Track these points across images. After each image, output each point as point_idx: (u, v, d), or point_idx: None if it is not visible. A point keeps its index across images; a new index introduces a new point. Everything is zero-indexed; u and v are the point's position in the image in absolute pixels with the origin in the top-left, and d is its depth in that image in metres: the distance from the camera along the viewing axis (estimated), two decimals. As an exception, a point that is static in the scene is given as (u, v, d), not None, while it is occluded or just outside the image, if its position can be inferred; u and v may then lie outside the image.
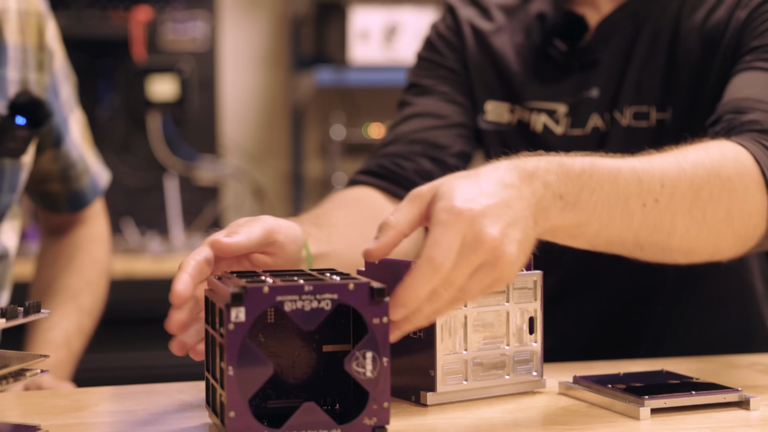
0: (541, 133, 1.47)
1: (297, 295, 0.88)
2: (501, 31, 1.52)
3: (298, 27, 3.49)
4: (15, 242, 1.46)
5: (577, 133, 1.46)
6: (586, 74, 1.45)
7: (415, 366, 1.05)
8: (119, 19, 3.26)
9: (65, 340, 1.49)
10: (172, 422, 1.00)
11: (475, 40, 1.53)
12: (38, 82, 1.43)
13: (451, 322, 1.04)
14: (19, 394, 1.25)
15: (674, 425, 0.98)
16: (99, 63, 3.37)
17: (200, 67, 3.45)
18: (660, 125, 1.42)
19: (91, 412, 1.05)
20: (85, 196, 1.57)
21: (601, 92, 1.44)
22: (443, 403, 1.04)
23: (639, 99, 1.43)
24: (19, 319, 0.93)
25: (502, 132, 1.50)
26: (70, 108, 1.53)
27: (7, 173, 1.38)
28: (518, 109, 1.49)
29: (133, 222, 3.36)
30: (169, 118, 3.43)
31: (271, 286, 0.88)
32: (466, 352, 1.05)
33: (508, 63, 1.50)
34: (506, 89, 1.50)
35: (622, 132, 1.43)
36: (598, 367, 1.22)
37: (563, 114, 1.46)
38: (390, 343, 0.90)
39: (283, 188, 3.57)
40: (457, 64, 1.53)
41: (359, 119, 3.50)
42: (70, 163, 1.53)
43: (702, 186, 1.09)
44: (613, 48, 1.45)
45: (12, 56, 1.39)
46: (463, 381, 1.05)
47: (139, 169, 3.42)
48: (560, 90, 1.47)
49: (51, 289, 1.54)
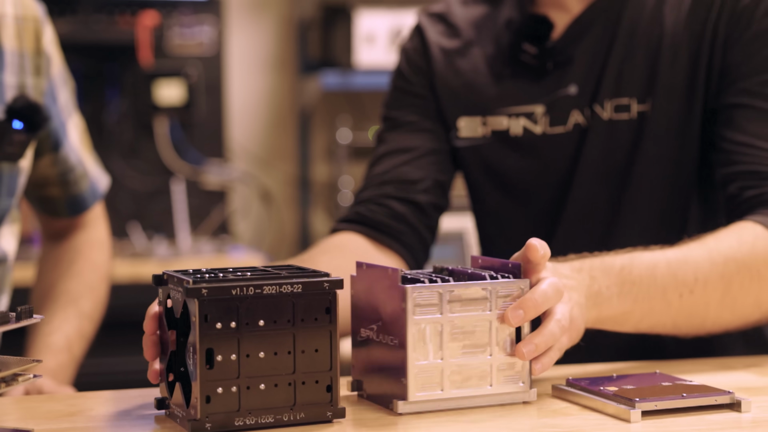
0: (521, 136, 1.49)
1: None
2: (470, 46, 1.54)
3: (304, 31, 3.50)
4: (14, 246, 1.47)
5: (558, 131, 1.48)
6: (561, 73, 1.48)
7: (390, 374, 1.03)
8: (126, 23, 3.27)
9: (66, 344, 1.50)
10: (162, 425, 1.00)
11: (444, 60, 1.55)
12: (35, 86, 1.44)
13: (425, 329, 1.01)
14: (16, 399, 1.26)
15: (665, 428, 0.98)
16: (106, 68, 3.39)
17: (207, 71, 3.46)
18: (641, 117, 1.44)
19: (85, 416, 1.06)
20: (84, 201, 1.58)
21: (579, 88, 1.46)
22: (419, 412, 1.02)
23: (619, 92, 1.45)
24: (11, 324, 0.93)
25: (478, 146, 1.52)
26: (68, 113, 1.54)
27: (5, 177, 1.39)
28: (490, 120, 1.51)
29: (140, 226, 3.37)
30: (176, 122, 3.44)
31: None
32: (441, 361, 1.02)
33: (479, 76, 1.52)
34: (477, 103, 1.52)
35: (603, 126, 1.45)
36: (593, 370, 1.22)
37: (541, 114, 1.48)
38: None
39: (290, 192, 3.57)
40: (424, 88, 1.55)
41: (365, 122, 3.51)
42: (68, 168, 1.53)
43: (733, 278, 1.25)
44: (587, 45, 1.47)
45: (9, 61, 1.40)
46: (439, 390, 1.02)
47: (147, 173, 3.43)
48: (536, 92, 1.49)
49: (51, 294, 1.55)
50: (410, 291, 1.01)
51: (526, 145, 1.49)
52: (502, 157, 1.51)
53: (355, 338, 1.09)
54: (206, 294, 0.96)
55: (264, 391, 0.98)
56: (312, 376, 0.99)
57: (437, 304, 1.02)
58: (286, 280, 0.99)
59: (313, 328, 0.99)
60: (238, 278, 0.98)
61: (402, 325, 1.01)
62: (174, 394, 1.01)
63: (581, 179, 1.47)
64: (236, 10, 3.52)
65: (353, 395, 1.10)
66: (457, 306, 1.03)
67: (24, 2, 1.45)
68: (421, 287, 1.01)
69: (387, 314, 1.03)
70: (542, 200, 1.51)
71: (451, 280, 1.04)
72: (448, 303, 1.02)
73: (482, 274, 1.06)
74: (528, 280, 1.05)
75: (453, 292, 1.02)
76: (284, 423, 0.98)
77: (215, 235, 3.44)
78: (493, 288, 1.04)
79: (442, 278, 1.05)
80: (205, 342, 0.96)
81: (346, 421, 1.00)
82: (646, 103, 1.44)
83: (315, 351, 0.99)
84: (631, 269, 1.19)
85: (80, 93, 3.31)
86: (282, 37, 3.56)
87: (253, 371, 0.97)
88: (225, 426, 0.96)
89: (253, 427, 0.97)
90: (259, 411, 0.98)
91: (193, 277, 0.98)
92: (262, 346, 0.98)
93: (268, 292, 0.98)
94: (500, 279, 1.05)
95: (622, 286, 1.18)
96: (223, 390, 0.96)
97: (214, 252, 3.19)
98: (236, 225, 3.53)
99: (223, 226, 3.49)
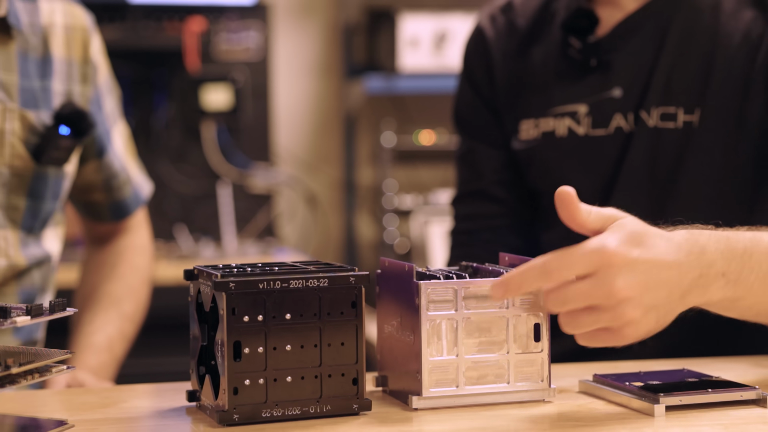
0: (566, 137, 1.49)
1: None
2: (528, 44, 1.54)
3: (349, 36, 3.52)
4: (58, 248, 1.51)
5: (599, 133, 1.47)
6: (606, 74, 1.46)
7: (407, 369, 1.04)
8: (174, 30, 3.32)
9: (107, 344, 1.53)
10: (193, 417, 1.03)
11: (503, 61, 1.55)
12: (82, 94, 1.48)
13: (440, 325, 1.02)
14: (54, 391, 1.29)
15: (689, 422, 0.99)
16: (154, 73, 3.44)
17: (254, 76, 3.50)
18: (687, 128, 1.42)
19: (118, 408, 1.09)
20: (127, 206, 1.62)
21: (624, 92, 1.45)
22: (434, 408, 1.03)
23: (667, 100, 1.43)
24: (44, 317, 0.96)
25: (532, 148, 1.52)
26: (113, 120, 1.58)
27: (51, 181, 1.43)
28: (542, 122, 1.51)
29: (187, 229, 3.42)
30: (223, 126, 3.48)
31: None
32: (456, 357, 1.03)
33: (534, 77, 1.53)
34: (532, 105, 1.52)
35: (648, 133, 1.44)
36: (623, 367, 1.23)
37: (584, 114, 1.47)
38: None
39: (335, 195, 3.60)
40: (487, 97, 1.58)
41: (410, 126, 3.52)
42: (112, 174, 1.57)
43: None
44: (635, 47, 1.45)
45: (57, 69, 1.44)
46: (455, 386, 1.03)
47: (194, 177, 3.48)
48: (580, 90, 1.48)
49: (94, 296, 1.59)
50: (424, 287, 1.02)
51: (570, 147, 1.49)
52: (550, 159, 1.51)
53: (380, 334, 1.11)
54: (234, 288, 0.98)
55: (291, 383, 0.99)
56: (338, 369, 1.01)
57: (452, 300, 1.03)
58: (313, 274, 1.00)
59: (339, 321, 1.01)
60: (266, 272, 1.00)
61: (416, 321, 1.02)
62: (204, 387, 1.03)
63: (623, 185, 1.45)
64: (282, 15, 3.56)
65: (378, 391, 1.11)
66: (472, 302, 1.03)
67: (73, 12, 1.49)
68: (435, 283, 1.02)
69: (404, 310, 1.05)
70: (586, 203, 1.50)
71: (467, 277, 1.05)
72: (463, 299, 1.03)
73: (501, 270, 1.06)
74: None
75: (468, 289, 1.03)
76: (311, 415, 1.00)
77: (261, 238, 3.47)
78: (511, 284, 1.04)
79: (458, 275, 1.06)
80: (233, 335, 0.98)
81: (361, 415, 1.02)
82: (693, 113, 1.42)
83: (341, 344, 1.01)
84: (752, 253, 1.07)
85: (129, 98, 3.37)
86: (327, 42, 3.59)
87: (280, 364, 0.99)
88: (252, 417, 0.98)
89: (280, 418, 0.99)
90: (285, 403, 0.99)
91: (222, 271, 1.00)
92: (289, 340, 0.99)
93: (294, 286, 1.00)
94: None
95: (740, 273, 1.07)
96: (250, 382, 0.98)
97: (259, 254, 3.23)
98: (282, 228, 3.56)
99: (268, 228, 3.52)
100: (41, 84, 1.41)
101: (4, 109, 1.36)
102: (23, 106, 1.38)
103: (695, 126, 1.42)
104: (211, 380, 1.02)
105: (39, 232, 1.45)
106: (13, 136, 1.37)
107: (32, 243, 1.44)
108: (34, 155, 1.39)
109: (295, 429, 0.97)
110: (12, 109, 1.36)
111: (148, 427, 1.00)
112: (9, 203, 1.39)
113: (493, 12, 1.59)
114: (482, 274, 1.09)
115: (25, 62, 1.39)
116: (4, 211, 1.38)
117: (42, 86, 1.41)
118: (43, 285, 1.48)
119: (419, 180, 3.57)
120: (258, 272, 1.00)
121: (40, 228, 1.45)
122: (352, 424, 0.99)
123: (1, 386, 0.92)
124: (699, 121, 1.41)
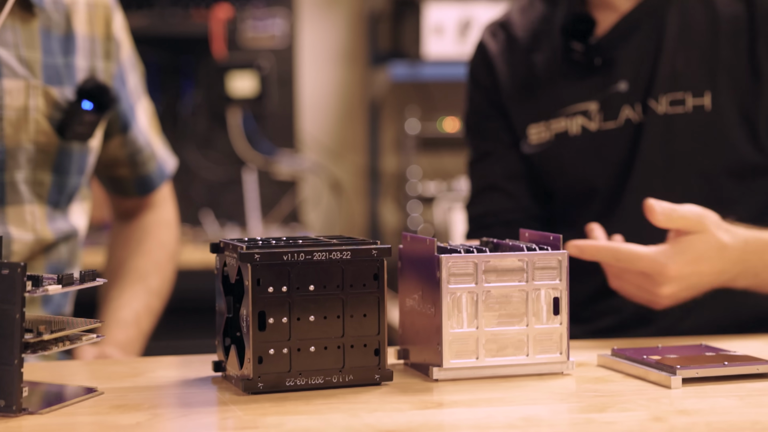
0: (579, 135, 1.54)
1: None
2: (529, 53, 1.60)
3: (374, 23, 3.54)
4: (84, 223, 1.54)
5: (610, 126, 1.52)
6: (610, 71, 1.52)
7: (428, 341, 1.07)
8: (200, 17, 3.35)
9: (134, 319, 1.56)
10: (219, 385, 1.05)
11: (507, 72, 1.61)
12: (105, 70, 1.50)
13: (461, 298, 1.05)
14: (84, 362, 1.32)
15: (705, 394, 1.00)
16: (181, 60, 3.47)
17: (279, 63, 3.52)
18: (697, 111, 1.47)
19: (147, 377, 1.11)
20: (152, 181, 1.64)
21: (630, 84, 1.50)
22: (454, 379, 1.05)
23: (674, 86, 1.48)
24: (75, 286, 0.99)
25: (545, 151, 1.57)
26: (137, 96, 1.60)
27: (76, 156, 1.45)
28: (553, 123, 1.56)
29: (213, 214, 3.45)
30: (248, 113, 3.51)
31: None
32: (476, 329, 1.05)
33: (539, 82, 1.58)
34: (540, 109, 1.57)
35: (658, 120, 1.49)
36: (641, 343, 1.24)
37: (596, 111, 1.53)
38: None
39: (359, 182, 3.62)
40: (493, 106, 1.62)
41: (434, 113, 3.54)
42: (137, 149, 1.59)
43: None
44: (636, 42, 1.51)
45: (81, 45, 1.46)
46: (474, 358, 1.05)
47: (220, 163, 3.51)
48: (588, 89, 1.54)
49: (121, 271, 1.61)
50: (445, 260, 1.04)
51: (584, 143, 1.54)
52: (564, 158, 1.56)
53: (402, 308, 1.13)
54: (259, 259, 1.00)
55: (314, 353, 1.02)
56: (360, 340, 1.03)
57: (472, 273, 1.05)
58: (336, 247, 1.03)
59: (362, 293, 1.03)
60: (290, 245, 1.02)
61: (437, 294, 1.04)
62: (229, 357, 1.06)
63: (638, 173, 1.50)
64: (308, 3, 3.58)
65: (400, 364, 1.13)
66: (492, 276, 1.05)
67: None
68: (456, 257, 1.04)
69: (426, 283, 1.07)
70: (602, 197, 1.54)
71: (488, 252, 1.07)
72: (483, 273, 1.05)
73: (521, 245, 1.08)
74: (566, 252, 1.08)
75: (488, 263, 1.05)
76: (333, 384, 1.02)
77: (285, 224, 3.50)
78: (530, 259, 1.06)
79: (478, 249, 1.08)
80: (258, 305, 1.00)
81: (383, 385, 1.04)
82: (703, 96, 1.47)
83: (363, 316, 1.03)
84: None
85: (156, 85, 3.40)
86: (353, 30, 3.61)
87: (303, 334, 1.01)
88: (276, 386, 1.01)
89: (304, 387, 1.01)
90: (309, 372, 1.02)
91: (247, 243, 1.03)
92: (313, 310, 1.02)
93: (318, 258, 1.02)
94: (537, 251, 1.07)
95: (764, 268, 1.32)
96: (274, 351, 1.01)
97: (284, 240, 3.25)
98: (307, 214, 3.58)
99: (293, 214, 3.55)
100: (64, 60, 1.43)
101: (27, 85, 1.38)
102: (47, 83, 1.40)
103: (707, 109, 1.47)
104: (237, 351, 1.04)
105: (65, 207, 1.47)
106: (37, 112, 1.39)
107: (59, 217, 1.46)
108: (59, 131, 1.41)
109: (318, 398, 0.99)
110: (35, 86, 1.39)
111: (176, 395, 1.03)
112: (35, 178, 1.41)
113: (493, 28, 1.67)
114: (503, 249, 1.11)
115: (48, 39, 1.41)
116: (31, 187, 1.41)
117: (65, 63, 1.43)
118: (70, 259, 1.50)
119: (443, 167, 3.59)
120: (282, 245, 1.02)
121: (67, 203, 1.47)
122: (374, 393, 1.01)
123: (33, 352, 0.95)
124: (708, 104, 1.47)
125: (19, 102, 1.37)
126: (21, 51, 1.38)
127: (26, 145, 1.39)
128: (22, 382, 0.92)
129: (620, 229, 1.49)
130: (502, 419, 0.92)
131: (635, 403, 0.97)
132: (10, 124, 1.37)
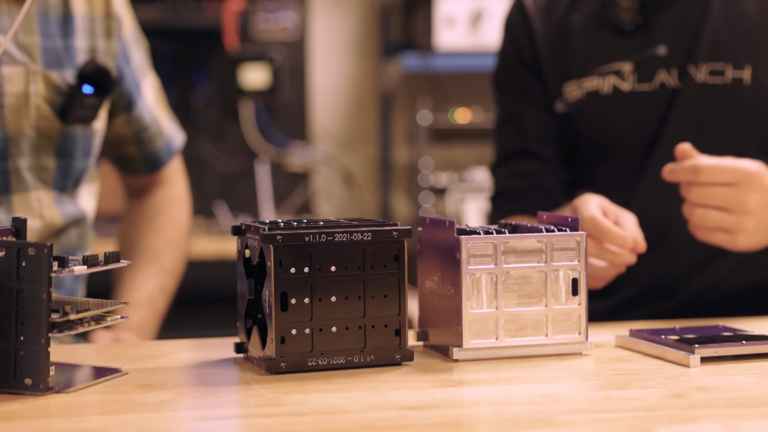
0: (611, 95, 1.54)
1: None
2: (569, 11, 1.59)
3: (386, 14, 3.55)
4: (93, 205, 1.52)
5: (644, 88, 1.52)
6: (649, 33, 1.52)
7: (448, 322, 1.08)
8: (212, 9, 3.36)
9: (149, 299, 1.55)
10: (241, 366, 1.06)
11: (544, 30, 1.60)
12: (107, 49, 1.49)
13: (480, 278, 1.06)
14: (105, 345, 1.33)
15: (723, 372, 1.01)
16: (193, 52, 3.48)
17: (291, 55, 3.53)
18: (735, 83, 1.48)
19: (170, 359, 1.12)
20: (159, 158, 1.62)
21: (669, 49, 1.50)
22: (474, 359, 1.06)
23: (715, 56, 1.49)
24: (100, 267, 1.00)
25: (577, 110, 1.56)
26: (142, 72, 1.58)
27: (80, 139, 1.44)
28: (585, 81, 1.55)
29: (226, 206, 3.46)
30: (261, 105, 3.52)
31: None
32: (496, 310, 1.06)
33: (576, 41, 1.57)
34: (577, 66, 1.56)
35: (696, 88, 1.49)
36: (659, 325, 1.25)
37: (629, 71, 1.53)
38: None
39: (371, 174, 3.63)
40: (528, 66, 1.61)
41: (446, 104, 3.54)
42: (142, 126, 1.58)
43: None
44: (680, 8, 1.51)
45: (80, 26, 1.44)
46: (494, 338, 1.07)
47: (232, 155, 3.52)
48: (625, 49, 1.53)
49: (134, 251, 1.60)
50: (464, 241, 1.05)
51: (615, 103, 1.54)
52: (596, 116, 1.56)
53: (421, 290, 1.14)
54: (281, 240, 1.01)
55: (335, 333, 1.03)
56: (381, 321, 1.04)
57: (492, 254, 1.06)
58: (357, 228, 1.04)
59: (383, 274, 1.04)
60: (311, 227, 1.03)
61: (457, 275, 1.05)
62: (251, 339, 1.07)
63: (667, 137, 1.50)
64: (319, -5, 3.59)
65: (420, 345, 1.14)
66: (512, 257, 1.06)
67: None
68: (475, 238, 1.05)
69: (445, 265, 1.08)
70: (627, 158, 1.54)
71: (506, 233, 1.08)
72: (502, 254, 1.06)
73: (540, 227, 1.09)
74: (584, 234, 1.09)
75: (508, 244, 1.06)
76: (355, 364, 1.03)
77: (298, 215, 3.51)
78: (549, 240, 1.07)
79: (497, 230, 1.09)
80: (280, 286, 1.01)
81: (403, 365, 1.05)
82: (743, 69, 1.48)
83: (384, 296, 1.04)
84: None
85: (168, 77, 3.42)
86: (364, 22, 3.61)
87: (325, 315, 1.02)
88: (299, 366, 1.02)
89: (325, 367, 1.03)
90: (330, 352, 1.03)
91: (269, 225, 1.04)
92: (334, 291, 1.03)
93: (339, 239, 1.03)
94: (556, 232, 1.08)
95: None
96: (296, 332, 1.02)
97: (297, 231, 3.26)
98: (319, 206, 3.60)
99: (305, 206, 3.56)
100: (63, 43, 1.42)
101: (27, 71, 1.37)
102: (46, 67, 1.39)
103: (746, 83, 1.48)
104: (259, 332, 1.05)
105: (73, 190, 1.47)
106: (38, 97, 1.38)
107: (67, 201, 1.45)
108: (60, 115, 1.40)
109: (339, 377, 1.00)
110: (35, 71, 1.37)
111: (198, 375, 1.04)
112: (39, 164, 1.40)
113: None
114: (521, 231, 1.12)
115: (45, 22, 1.40)
116: (35, 173, 1.40)
117: (64, 45, 1.42)
118: (80, 243, 1.49)
119: (455, 158, 3.60)
120: (304, 226, 1.04)
121: (74, 186, 1.47)
122: (394, 373, 1.02)
123: (60, 332, 0.96)
124: (748, 77, 1.47)
125: (19, 88, 1.36)
126: (19, 36, 1.36)
127: (28, 131, 1.38)
128: (49, 361, 0.93)
129: (643, 190, 1.50)
130: (523, 396, 0.93)
131: (655, 381, 0.98)
132: (11, 111, 1.36)
